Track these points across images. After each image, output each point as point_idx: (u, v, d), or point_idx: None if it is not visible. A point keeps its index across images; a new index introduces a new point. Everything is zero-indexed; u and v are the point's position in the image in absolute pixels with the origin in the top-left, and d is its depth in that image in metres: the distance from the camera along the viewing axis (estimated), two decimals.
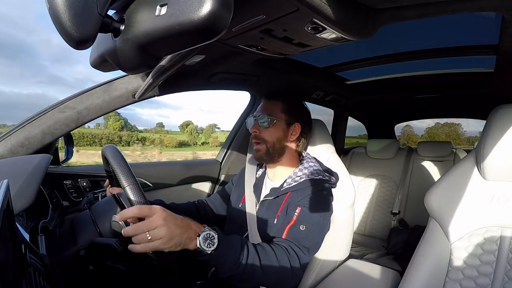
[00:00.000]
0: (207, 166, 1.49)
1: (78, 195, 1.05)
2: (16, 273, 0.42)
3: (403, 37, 1.06)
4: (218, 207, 1.12)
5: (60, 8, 0.37)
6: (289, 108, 0.97)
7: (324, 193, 0.89)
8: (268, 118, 0.94)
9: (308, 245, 0.80)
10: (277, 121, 0.95)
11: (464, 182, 0.81)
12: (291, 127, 0.97)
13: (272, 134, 0.95)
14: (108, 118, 37.81)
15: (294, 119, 0.97)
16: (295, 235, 0.80)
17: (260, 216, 0.93)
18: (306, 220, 0.82)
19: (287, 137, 0.97)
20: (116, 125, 34.47)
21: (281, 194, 0.92)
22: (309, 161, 0.98)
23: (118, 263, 0.64)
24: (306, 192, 0.88)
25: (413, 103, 2.02)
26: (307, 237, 0.81)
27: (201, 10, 0.36)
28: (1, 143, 0.83)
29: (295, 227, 0.81)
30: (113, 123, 36.03)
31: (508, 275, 0.73)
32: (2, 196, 0.40)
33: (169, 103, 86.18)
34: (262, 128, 0.95)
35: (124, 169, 0.63)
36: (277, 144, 0.95)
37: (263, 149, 0.95)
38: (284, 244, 0.78)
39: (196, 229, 0.64)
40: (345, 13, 0.59)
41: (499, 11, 0.60)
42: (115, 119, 36.89)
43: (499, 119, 0.75)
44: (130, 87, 0.94)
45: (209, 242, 0.63)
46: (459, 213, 0.79)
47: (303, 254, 0.79)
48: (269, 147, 0.95)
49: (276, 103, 0.97)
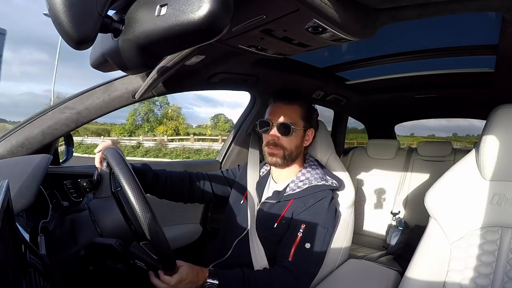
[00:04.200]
0: (207, 166, 1.49)
1: (78, 195, 1.05)
2: (16, 273, 0.42)
3: (403, 37, 1.06)
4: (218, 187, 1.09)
5: (60, 8, 0.37)
6: (307, 114, 0.96)
7: (327, 201, 0.89)
8: (290, 126, 0.91)
9: (315, 261, 0.83)
10: (297, 129, 0.93)
11: (464, 182, 0.81)
12: (306, 132, 0.97)
13: (292, 142, 0.93)
14: (218, 119, 37.34)
15: (310, 125, 0.97)
16: (302, 255, 0.81)
17: (260, 217, 0.93)
18: (311, 237, 0.83)
19: (302, 143, 0.96)
20: (225, 127, 34.55)
21: (283, 200, 0.92)
22: (312, 164, 0.98)
23: (118, 263, 0.64)
24: (309, 200, 0.88)
25: (413, 103, 2.01)
26: (313, 254, 0.82)
27: (201, 10, 0.36)
28: (1, 143, 0.83)
29: (301, 247, 0.82)
30: (222, 124, 36.08)
31: (508, 275, 0.72)
32: (2, 196, 0.40)
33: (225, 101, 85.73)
34: (282, 136, 0.92)
35: (124, 169, 0.63)
36: (294, 151, 0.94)
37: (279, 154, 0.93)
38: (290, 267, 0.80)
39: (201, 279, 0.74)
40: (345, 13, 0.59)
41: (499, 11, 0.60)
42: (224, 121, 36.66)
43: (499, 119, 0.75)
44: (130, 87, 0.94)
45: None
46: (459, 213, 0.79)
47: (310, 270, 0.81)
48: (287, 154, 0.93)
49: (295, 108, 0.94)
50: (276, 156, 0.93)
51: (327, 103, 1.77)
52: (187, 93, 1.18)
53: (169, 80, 0.93)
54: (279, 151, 0.93)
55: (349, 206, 0.99)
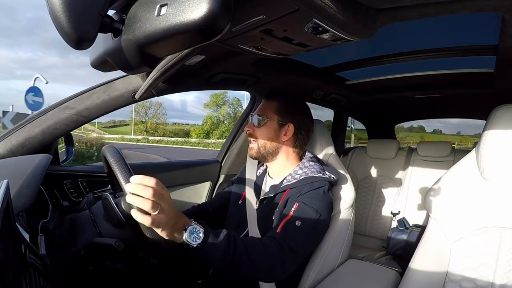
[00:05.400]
0: (207, 166, 1.49)
1: (78, 195, 1.05)
2: (16, 273, 0.42)
3: (403, 37, 1.06)
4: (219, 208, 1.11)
5: (60, 8, 0.37)
6: (283, 109, 0.98)
7: (323, 190, 0.89)
8: (260, 118, 0.97)
9: (303, 241, 0.81)
10: (268, 121, 0.97)
11: (464, 182, 0.81)
12: (284, 127, 0.97)
13: (263, 134, 0.97)
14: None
15: (287, 120, 0.98)
16: (290, 230, 0.80)
17: (260, 214, 0.94)
18: (303, 216, 0.82)
19: (279, 137, 0.97)
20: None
21: (280, 191, 0.92)
22: (310, 160, 0.98)
23: (118, 263, 0.64)
24: (305, 189, 0.88)
25: (413, 103, 2.01)
26: (303, 233, 0.81)
27: (201, 10, 0.36)
28: (1, 143, 0.83)
29: (290, 223, 0.82)
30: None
31: (508, 276, 0.72)
32: (2, 196, 0.40)
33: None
34: (255, 128, 0.98)
35: (122, 169, 0.63)
36: (268, 144, 0.97)
37: (255, 147, 0.98)
38: (277, 238, 0.79)
39: (184, 222, 0.64)
40: (345, 13, 0.59)
41: (499, 11, 0.60)
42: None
43: (499, 119, 0.75)
44: (130, 87, 0.94)
45: (195, 236, 0.64)
46: (459, 213, 0.79)
47: (297, 248, 0.79)
48: (260, 146, 0.97)
49: (271, 103, 0.99)
50: (252, 149, 0.99)
51: (327, 103, 1.77)
52: None
53: (169, 80, 0.93)
54: (254, 144, 0.98)
55: (349, 206, 0.99)
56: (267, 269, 0.75)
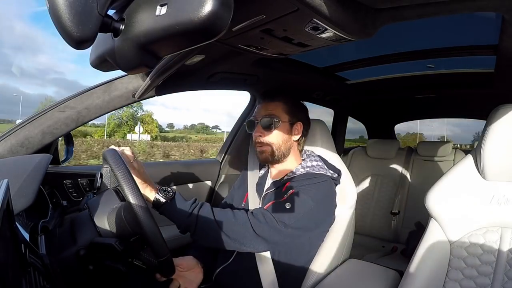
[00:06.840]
0: (207, 166, 1.49)
1: (78, 195, 1.05)
2: (16, 273, 0.42)
3: (403, 37, 1.06)
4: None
5: (60, 7, 0.37)
6: (290, 108, 0.97)
7: (324, 184, 0.88)
8: (272, 120, 0.93)
9: (286, 221, 0.79)
10: (281, 123, 0.94)
11: (464, 182, 0.81)
12: (294, 126, 0.97)
13: (277, 137, 0.93)
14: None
15: (297, 119, 0.97)
16: (276, 208, 0.81)
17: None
18: (295, 201, 0.81)
19: (291, 137, 0.96)
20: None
21: (280, 185, 0.92)
22: (313, 159, 0.97)
23: (118, 263, 0.64)
24: (304, 182, 0.88)
25: (413, 103, 2.02)
26: (291, 215, 0.80)
27: (201, 10, 0.36)
28: (1, 143, 0.83)
29: (279, 203, 0.82)
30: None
31: (508, 275, 0.72)
32: (2, 196, 0.40)
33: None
34: (266, 131, 0.94)
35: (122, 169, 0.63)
36: (282, 146, 0.94)
37: (268, 150, 0.94)
38: (255, 211, 0.80)
39: (155, 188, 0.78)
40: (345, 13, 0.59)
41: (499, 11, 0.60)
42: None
43: (499, 119, 0.75)
44: (130, 87, 0.94)
45: (165, 194, 0.76)
46: (459, 213, 0.79)
47: (276, 225, 0.78)
48: (275, 149, 0.93)
49: (277, 104, 0.96)
50: (265, 153, 0.94)
51: (327, 103, 1.77)
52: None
53: (169, 80, 0.93)
54: (267, 147, 0.94)
55: (350, 206, 0.99)
56: (236, 236, 0.78)
